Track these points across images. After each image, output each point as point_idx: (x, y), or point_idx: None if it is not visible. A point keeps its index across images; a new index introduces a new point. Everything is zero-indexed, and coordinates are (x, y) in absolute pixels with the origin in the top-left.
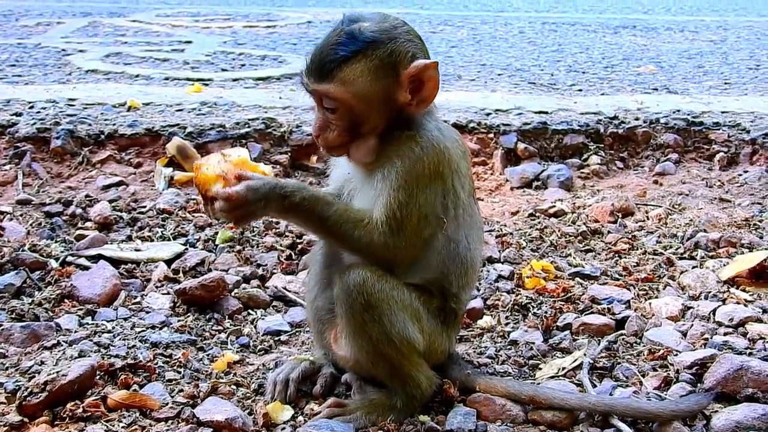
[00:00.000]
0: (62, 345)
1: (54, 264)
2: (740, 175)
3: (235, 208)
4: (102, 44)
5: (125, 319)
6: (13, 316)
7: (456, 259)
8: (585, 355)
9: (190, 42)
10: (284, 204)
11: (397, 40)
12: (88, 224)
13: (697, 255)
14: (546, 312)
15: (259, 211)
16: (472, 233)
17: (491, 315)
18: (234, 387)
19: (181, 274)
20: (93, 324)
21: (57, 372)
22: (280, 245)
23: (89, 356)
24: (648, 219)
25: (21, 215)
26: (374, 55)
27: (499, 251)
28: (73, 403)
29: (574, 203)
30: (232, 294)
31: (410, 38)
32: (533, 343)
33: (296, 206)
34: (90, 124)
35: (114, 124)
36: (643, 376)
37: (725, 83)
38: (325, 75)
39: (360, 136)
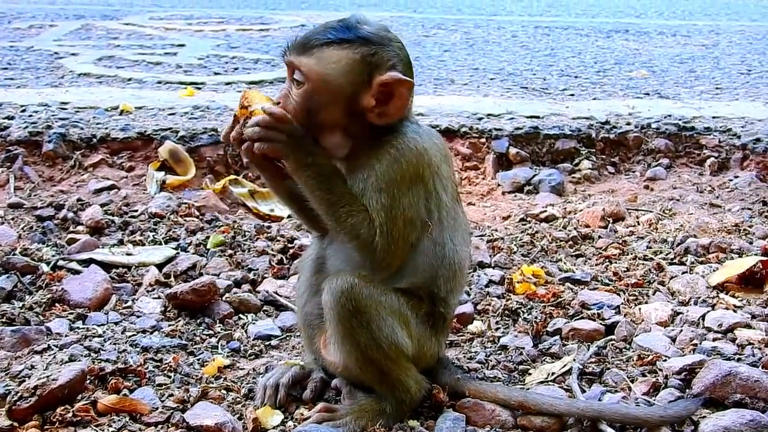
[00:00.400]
0: (53, 349)
1: (45, 268)
2: (731, 180)
3: (272, 128)
4: (95, 47)
5: (116, 324)
6: (3, 320)
7: (443, 262)
8: (574, 360)
9: (183, 45)
10: (308, 159)
11: (386, 47)
12: (80, 228)
13: (687, 260)
14: (536, 317)
15: (286, 147)
16: (457, 236)
17: (481, 320)
18: (224, 391)
19: (172, 279)
20: (84, 328)
21: (47, 376)
22: (272, 249)
23: (80, 360)
24: (638, 224)
25: (12, 219)
26: (359, 50)
27: (490, 256)
28: (63, 407)
29: (565, 208)
30: (223, 298)
31: (399, 54)
32: (523, 348)
33: (317, 165)
34: (82, 128)
35: (106, 128)
36: (632, 381)
37: (717, 88)
38: (306, 50)
39: (316, 125)
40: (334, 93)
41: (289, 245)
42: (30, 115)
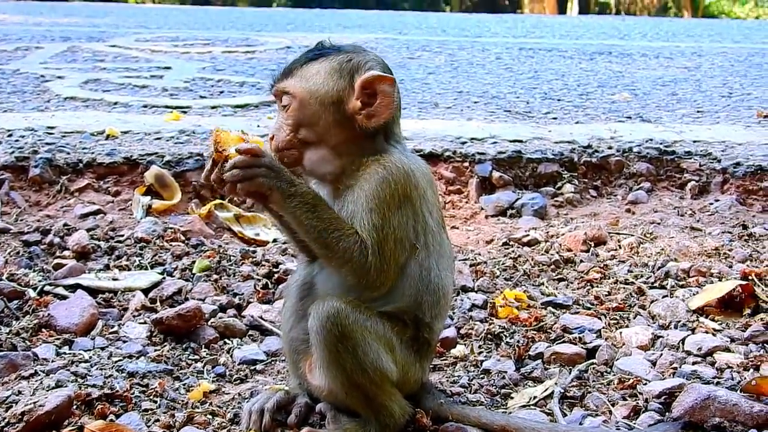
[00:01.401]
0: (39, 375)
1: (32, 293)
2: (711, 204)
3: (250, 166)
4: (81, 70)
5: (102, 349)
6: None
7: (428, 287)
8: (556, 384)
9: (169, 68)
10: (291, 190)
11: (361, 54)
12: (66, 253)
13: (667, 284)
14: (518, 341)
15: (266, 183)
16: (442, 261)
17: (464, 344)
18: (210, 416)
19: (158, 303)
20: (70, 353)
21: (34, 402)
22: (257, 274)
23: (66, 386)
24: (620, 248)
25: None
26: (335, 58)
27: (473, 280)
28: None
29: (547, 232)
30: (209, 323)
31: (375, 59)
32: (505, 372)
33: (300, 195)
34: (68, 153)
35: (92, 153)
36: (613, 405)
37: (698, 111)
38: (288, 74)
39: (309, 143)
40: (320, 102)
41: (274, 270)
42: (16, 140)
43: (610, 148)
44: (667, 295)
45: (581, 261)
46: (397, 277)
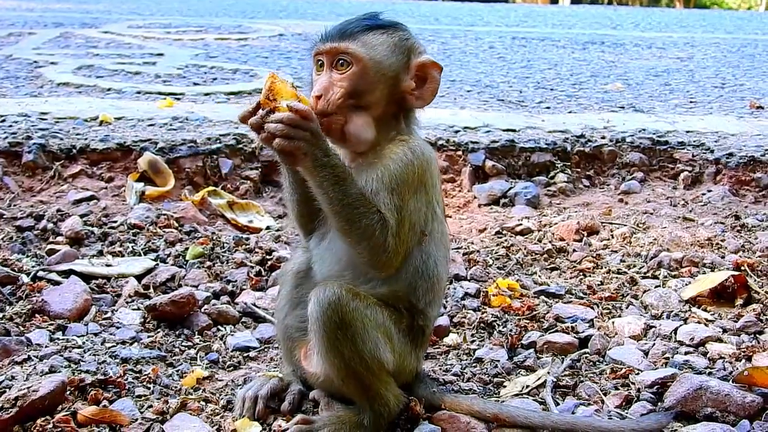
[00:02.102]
0: (33, 360)
1: (25, 279)
2: (704, 194)
3: (294, 127)
4: (74, 56)
5: (96, 335)
6: None
7: (425, 273)
8: (549, 373)
9: (161, 54)
10: (325, 159)
11: (413, 35)
12: (60, 239)
13: (660, 274)
14: (511, 330)
15: (305, 145)
16: (440, 250)
17: (457, 333)
18: (203, 403)
19: (151, 290)
20: (64, 339)
21: (28, 387)
22: (250, 261)
23: (60, 372)
24: (613, 238)
25: None
26: (395, 34)
27: (466, 269)
28: (43, 418)
29: (540, 221)
30: (202, 310)
31: (422, 44)
32: (498, 360)
33: (333, 166)
34: (62, 139)
35: (86, 139)
36: (605, 394)
37: (691, 101)
38: (348, 36)
39: (358, 108)
40: (381, 73)
41: (268, 257)
42: (10, 126)
43: (603, 137)
44: (659, 285)
45: (574, 250)
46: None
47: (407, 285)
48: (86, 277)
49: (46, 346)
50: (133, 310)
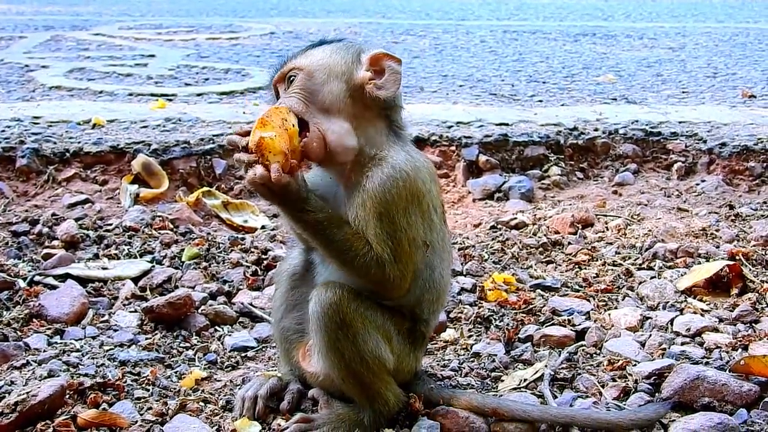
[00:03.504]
0: (31, 365)
1: (22, 284)
2: (697, 184)
3: (268, 187)
4: (65, 59)
5: (93, 338)
6: None
7: (431, 285)
8: (546, 366)
9: (153, 56)
10: (297, 215)
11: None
12: (55, 243)
13: (655, 265)
14: (508, 324)
15: (276, 203)
16: (444, 258)
17: (454, 328)
18: (202, 404)
19: (148, 292)
20: (62, 343)
21: (27, 392)
22: (246, 261)
23: (58, 375)
24: (607, 230)
25: None
26: (339, 43)
27: (461, 264)
28: (43, 423)
29: (535, 215)
30: (199, 311)
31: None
32: (495, 355)
33: (306, 223)
34: (55, 142)
35: (79, 142)
36: (603, 386)
37: (683, 92)
38: (293, 57)
39: (327, 114)
40: (328, 70)
41: (263, 256)
42: (2, 131)
43: (596, 130)
44: (655, 276)
45: (569, 243)
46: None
47: (414, 299)
48: (83, 281)
49: (44, 351)
50: (130, 312)
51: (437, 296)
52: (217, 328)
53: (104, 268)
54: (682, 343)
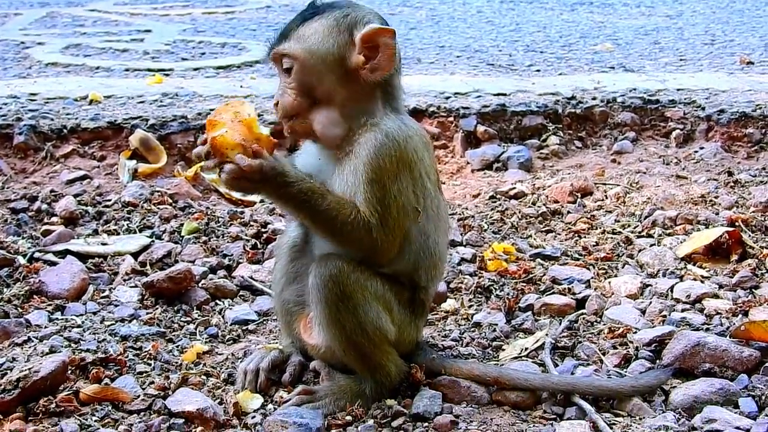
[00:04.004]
0: (33, 341)
1: (22, 260)
2: (696, 151)
3: (243, 179)
4: (61, 36)
5: (94, 313)
6: None
7: (427, 251)
8: (547, 335)
9: (149, 31)
10: (281, 192)
11: (356, 8)
12: (54, 219)
13: (654, 233)
14: (508, 294)
15: (259, 189)
16: (440, 225)
17: (455, 298)
18: (204, 377)
19: (148, 267)
20: (63, 319)
21: (29, 368)
22: (246, 235)
23: (60, 351)
24: (606, 198)
25: None
26: (330, 15)
27: (461, 234)
28: (46, 398)
29: (534, 184)
30: (200, 285)
31: (371, 11)
32: (496, 324)
33: (292, 196)
34: (52, 119)
35: (76, 118)
36: (604, 354)
37: (681, 59)
38: (285, 37)
39: (317, 103)
40: (322, 61)
41: (263, 230)
42: None
43: (594, 98)
44: (654, 244)
45: (568, 212)
46: (401, 242)
47: (410, 265)
48: (82, 257)
49: (45, 327)
50: (131, 287)
51: (434, 263)
52: (217, 301)
53: (104, 244)
54: (683, 310)
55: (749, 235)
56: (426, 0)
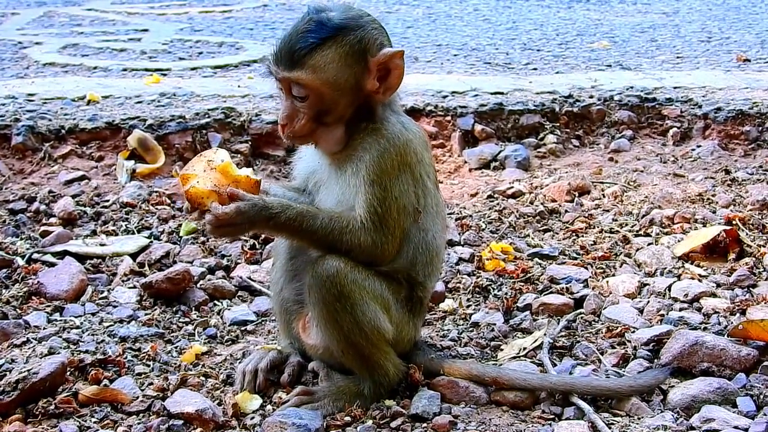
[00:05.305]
0: (32, 342)
1: (20, 261)
2: (693, 149)
3: (224, 226)
4: (58, 35)
5: (93, 314)
6: None
7: (423, 248)
8: (545, 334)
9: (146, 30)
10: (270, 224)
11: (365, 28)
12: (53, 220)
13: (652, 232)
14: (506, 293)
15: (246, 229)
16: (437, 222)
17: (453, 298)
18: (203, 378)
19: (146, 268)
20: (61, 320)
21: (28, 370)
22: (244, 235)
23: (59, 353)
24: (604, 197)
25: None
26: (344, 42)
27: (459, 234)
28: (45, 400)
29: (531, 183)
30: (198, 286)
31: (376, 27)
32: (494, 324)
33: (282, 225)
34: (50, 119)
35: (74, 119)
36: (602, 353)
37: (677, 57)
38: (296, 62)
39: (326, 124)
40: (340, 90)
41: None
42: None
43: (591, 97)
44: (652, 243)
45: (566, 211)
46: (401, 241)
47: (407, 261)
48: (81, 258)
49: (44, 328)
50: (129, 288)
51: (431, 258)
52: (216, 302)
53: (102, 245)
54: (680, 309)
55: (746, 234)
56: None
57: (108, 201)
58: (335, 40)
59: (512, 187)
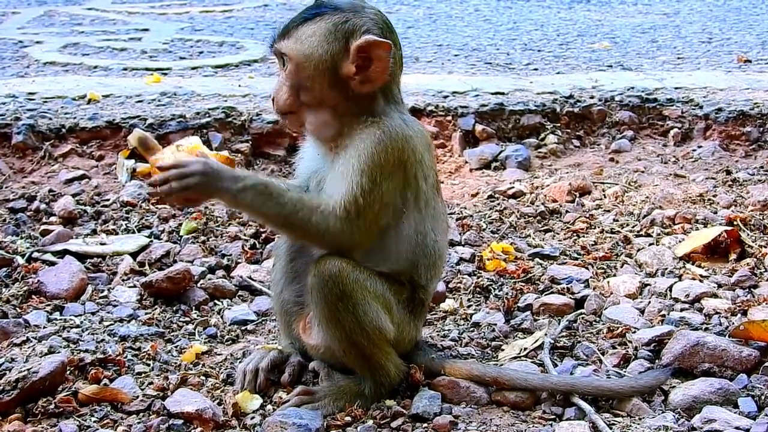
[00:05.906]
0: (32, 341)
1: (20, 260)
2: (694, 150)
3: (184, 177)
4: (59, 35)
5: (93, 314)
6: None
7: (425, 250)
8: (546, 335)
9: (147, 30)
10: (236, 186)
11: (359, 14)
12: (53, 219)
13: (653, 232)
14: (507, 293)
15: (208, 189)
16: (437, 225)
17: (453, 298)
18: (203, 378)
19: (146, 267)
20: (61, 319)
21: (28, 369)
22: (244, 235)
23: (59, 352)
24: (605, 197)
25: None
26: (330, 19)
27: (459, 234)
28: (45, 399)
29: (532, 183)
30: (198, 285)
31: (374, 18)
32: (495, 324)
33: (249, 189)
34: (51, 118)
35: (75, 118)
36: (603, 354)
37: (678, 58)
38: (286, 34)
39: (308, 105)
40: (315, 66)
41: (261, 230)
42: None
43: (592, 97)
44: (653, 243)
45: (567, 211)
46: (377, 238)
47: (409, 264)
48: (81, 257)
49: (44, 327)
50: (130, 287)
51: (433, 261)
52: (216, 302)
53: (102, 244)
54: (682, 309)
55: (748, 234)
56: None
57: (108, 200)
58: (323, 16)
59: (513, 188)
